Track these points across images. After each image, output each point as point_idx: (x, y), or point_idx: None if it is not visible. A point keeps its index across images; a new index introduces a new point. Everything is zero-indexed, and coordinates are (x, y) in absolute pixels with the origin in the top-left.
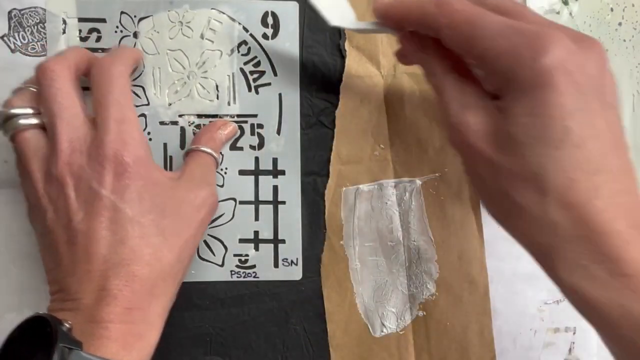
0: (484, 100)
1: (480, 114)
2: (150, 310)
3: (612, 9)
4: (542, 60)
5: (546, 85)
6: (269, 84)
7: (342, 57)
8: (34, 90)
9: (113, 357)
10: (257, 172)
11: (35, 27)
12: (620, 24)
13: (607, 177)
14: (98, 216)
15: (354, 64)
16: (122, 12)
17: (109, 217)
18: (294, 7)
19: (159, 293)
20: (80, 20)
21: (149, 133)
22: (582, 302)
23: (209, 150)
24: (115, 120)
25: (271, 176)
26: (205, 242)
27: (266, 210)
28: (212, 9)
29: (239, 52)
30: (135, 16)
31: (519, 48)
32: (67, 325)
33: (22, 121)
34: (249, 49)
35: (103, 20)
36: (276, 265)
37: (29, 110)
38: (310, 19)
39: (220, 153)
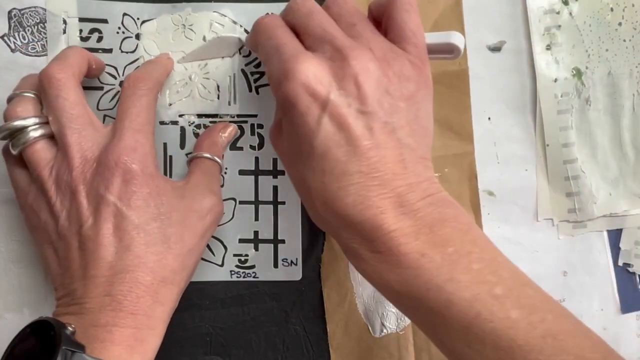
0: None
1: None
2: (154, 316)
3: (612, 9)
4: (285, 84)
5: (291, 107)
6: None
7: None
8: (32, 96)
9: None
10: (257, 172)
11: (36, 27)
12: (620, 24)
13: (356, 177)
14: (105, 222)
15: None
16: (124, 14)
17: (115, 223)
18: None
19: (162, 299)
20: (81, 20)
21: None
22: (365, 277)
23: (211, 157)
24: (128, 129)
25: (271, 176)
26: None
27: (266, 211)
28: (214, 12)
29: (240, 53)
30: (138, 18)
31: (274, 73)
32: (71, 329)
33: (32, 134)
34: (250, 50)
35: (105, 21)
36: (276, 265)
37: (36, 120)
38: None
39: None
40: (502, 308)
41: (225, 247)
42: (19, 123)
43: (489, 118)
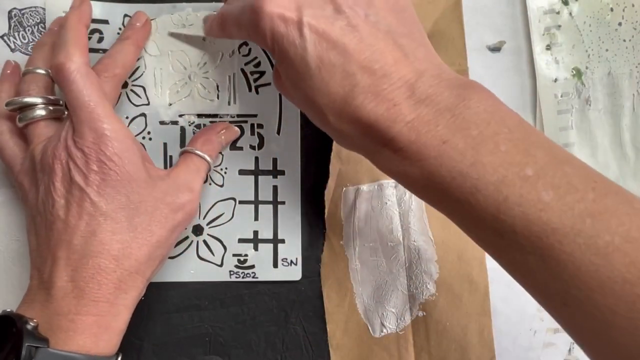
0: None
1: None
2: (117, 303)
3: (612, 9)
4: (258, 25)
5: (273, 42)
6: (269, 84)
7: None
8: (44, 73)
9: (80, 350)
10: (257, 172)
11: (36, 26)
12: (620, 24)
13: (358, 76)
14: (74, 206)
15: None
16: (125, 15)
17: (84, 208)
18: None
19: (125, 287)
20: None
21: (149, 132)
22: (393, 178)
23: (202, 154)
24: (93, 118)
25: (271, 176)
26: (204, 241)
27: (266, 210)
28: (214, 11)
29: (239, 53)
30: None
31: (247, 21)
32: (33, 324)
33: (39, 112)
34: (250, 49)
35: (105, 22)
36: (275, 265)
37: (44, 100)
38: None
39: (221, 153)
40: (533, 190)
41: (225, 247)
42: (29, 100)
43: None
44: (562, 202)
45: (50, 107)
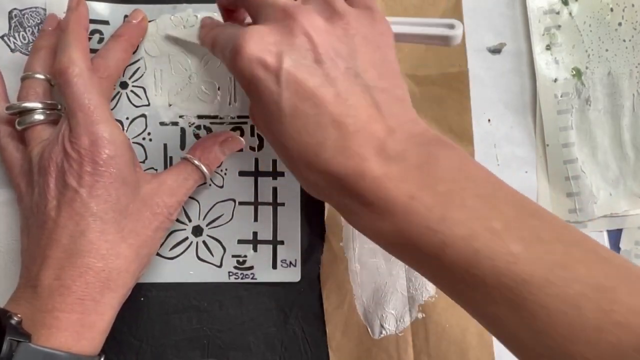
0: None
1: None
2: (103, 302)
3: (612, 9)
4: (236, 64)
5: (249, 83)
6: None
7: None
8: (43, 78)
9: (61, 346)
10: (256, 174)
11: (36, 27)
12: (620, 24)
13: (330, 129)
14: (66, 206)
15: None
16: (125, 16)
17: (74, 208)
18: None
19: (113, 286)
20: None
21: (149, 133)
22: (362, 233)
23: (198, 164)
24: (92, 121)
25: (271, 177)
26: (203, 242)
27: (265, 212)
28: (214, 12)
29: None
30: None
31: (226, 52)
32: (17, 319)
33: (37, 117)
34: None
35: (106, 22)
36: (275, 266)
37: (43, 105)
38: None
39: None
40: (502, 242)
41: (224, 248)
42: (28, 105)
43: (489, 120)
44: (532, 253)
45: (48, 112)
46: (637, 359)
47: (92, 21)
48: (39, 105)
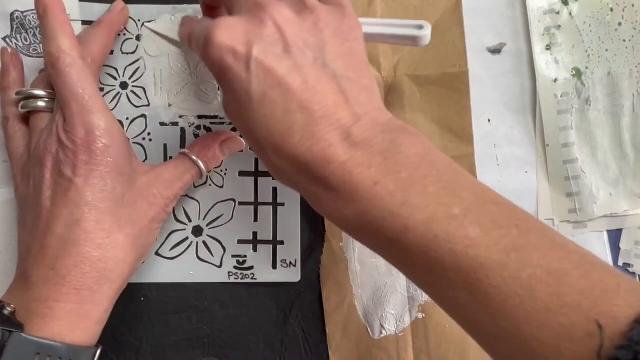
0: None
1: None
2: (100, 292)
3: (612, 9)
4: (207, 52)
5: (220, 71)
6: None
7: None
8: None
9: (55, 336)
10: (256, 174)
11: (38, 28)
12: (620, 24)
13: (297, 115)
14: (61, 196)
15: None
16: None
17: (69, 197)
18: None
19: (111, 276)
20: (84, 22)
21: (149, 134)
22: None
23: (196, 159)
24: (87, 111)
25: (271, 177)
26: (204, 242)
27: (265, 212)
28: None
29: None
30: (139, 20)
31: (199, 43)
32: (10, 309)
33: (39, 104)
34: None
35: None
36: (275, 266)
37: (46, 94)
38: None
39: None
40: (460, 227)
41: (224, 248)
42: (34, 92)
43: (489, 120)
44: (488, 238)
45: (51, 100)
46: (586, 342)
47: (90, 22)
48: (43, 93)
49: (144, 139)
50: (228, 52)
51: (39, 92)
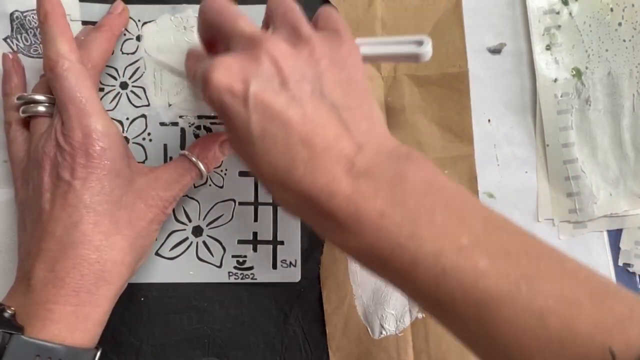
0: None
1: None
2: (98, 294)
3: (612, 9)
4: (206, 93)
5: (219, 110)
6: None
7: None
8: None
9: (54, 338)
10: None
11: (38, 29)
12: (620, 24)
13: (299, 148)
14: (59, 198)
15: None
16: None
17: (68, 200)
18: None
19: (109, 278)
20: (85, 23)
21: (149, 134)
22: (335, 246)
23: (195, 161)
24: (84, 114)
25: None
26: (204, 242)
27: (265, 212)
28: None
29: None
30: (139, 20)
31: (200, 86)
32: (10, 312)
33: (40, 108)
34: None
35: None
36: (275, 266)
37: (46, 99)
38: (310, 20)
39: None
40: (469, 258)
41: (224, 248)
42: (35, 96)
43: (489, 120)
44: (498, 268)
45: (47, 104)
46: None
47: (94, 22)
48: (43, 98)
49: (144, 139)
50: (226, 91)
51: (39, 97)
